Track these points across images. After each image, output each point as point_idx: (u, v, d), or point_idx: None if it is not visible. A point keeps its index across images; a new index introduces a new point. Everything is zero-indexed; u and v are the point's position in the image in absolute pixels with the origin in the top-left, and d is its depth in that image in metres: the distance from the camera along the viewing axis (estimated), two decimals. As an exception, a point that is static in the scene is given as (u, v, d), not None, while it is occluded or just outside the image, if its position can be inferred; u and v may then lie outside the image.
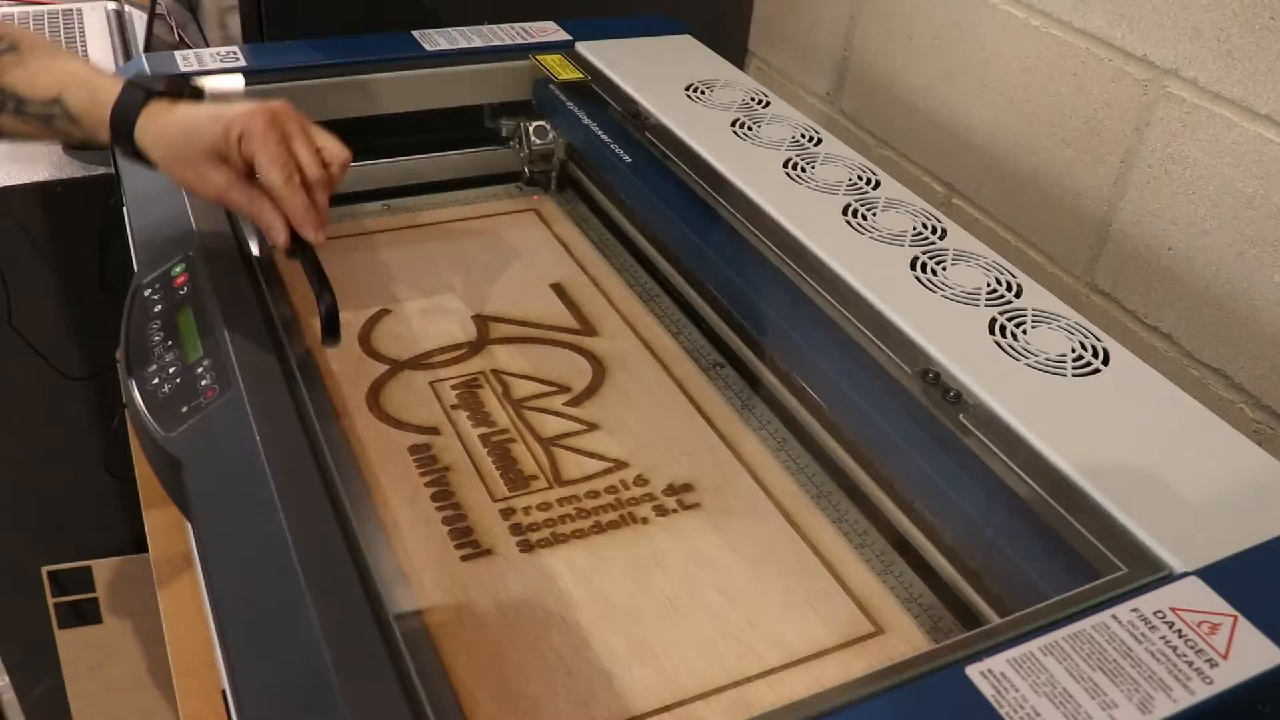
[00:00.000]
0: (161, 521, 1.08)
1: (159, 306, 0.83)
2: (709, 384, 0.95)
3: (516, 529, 0.78)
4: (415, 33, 1.23)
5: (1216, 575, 0.61)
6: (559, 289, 1.06)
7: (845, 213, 0.94)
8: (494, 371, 0.94)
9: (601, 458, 0.86)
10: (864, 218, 0.94)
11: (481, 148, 1.26)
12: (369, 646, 0.56)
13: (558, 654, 0.69)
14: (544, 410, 0.90)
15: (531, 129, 1.21)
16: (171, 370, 0.77)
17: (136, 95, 0.83)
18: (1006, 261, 0.89)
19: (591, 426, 0.89)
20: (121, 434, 1.30)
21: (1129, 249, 1.00)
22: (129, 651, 1.56)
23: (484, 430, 0.87)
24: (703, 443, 0.88)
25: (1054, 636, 0.57)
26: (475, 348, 0.96)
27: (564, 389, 0.92)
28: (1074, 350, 0.80)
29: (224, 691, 0.60)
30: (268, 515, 0.64)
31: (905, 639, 0.73)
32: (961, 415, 0.74)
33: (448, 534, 0.77)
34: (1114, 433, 0.73)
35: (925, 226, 0.93)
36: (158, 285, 0.85)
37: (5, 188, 1.29)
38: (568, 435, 0.87)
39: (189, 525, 0.71)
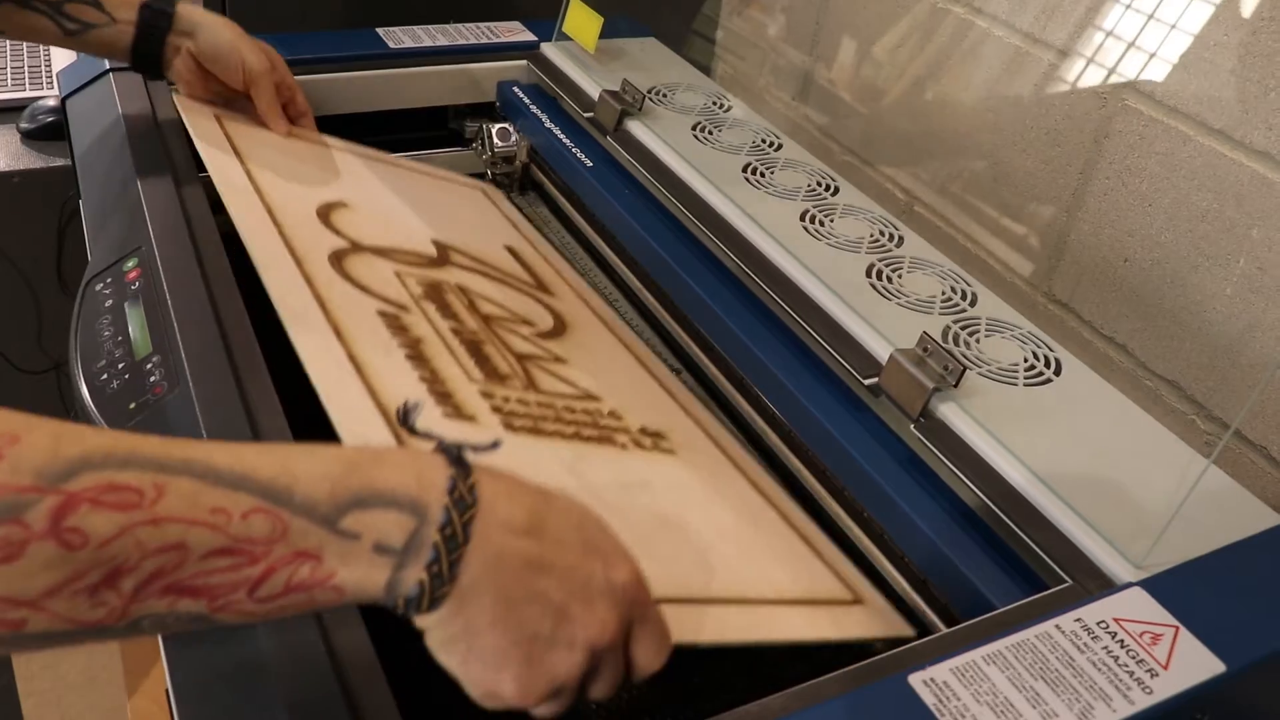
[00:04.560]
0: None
1: (110, 301, 0.82)
2: (667, 370, 0.93)
3: (498, 410, 0.72)
4: (379, 30, 1.22)
5: (1160, 586, 0.62)
6: (514, 252, 1.03)
7: (803, 218, 0.94)
8: (459, 286, 0.88)
9: (572, 385, 0.81)
10: (821, 224, 0.94)
11: (444, 149, 1.25)
12: (310, 647, 0.56)
13: None
14: (512, 331, 0.85)
15: (494, 131, 1.20)
16: (120, 366, 0.76)
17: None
18: (963, 270, 0.89)
19: (559, 360, 0.84)
20: (76, 429, 1.28)
21: (1086, 259, 1.01)
22: (81, 650, 1.54)
23: (454, 324, 0.81)
24: (666, 407, 0.85)
25: (997, 645, 0.57)
26: (438, 263, 0.92)
27: (529, 323, 0.88)
28: (1026, 360, 0.80)
29: (167, 690, 0.59)
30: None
31: (884, 614, 0.71)
32: (913, 425, 0.74)
33: (427, 391, 0.70)
34: (1063, 443, 0.73)
35: (882, 234, 0.94)
36: (110, 279, 0.84)
37: (-40, 178, 1.28)
38: (537, 358, 0.83)
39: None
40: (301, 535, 0.43)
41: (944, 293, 0.87)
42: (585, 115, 1.13)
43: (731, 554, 0.69)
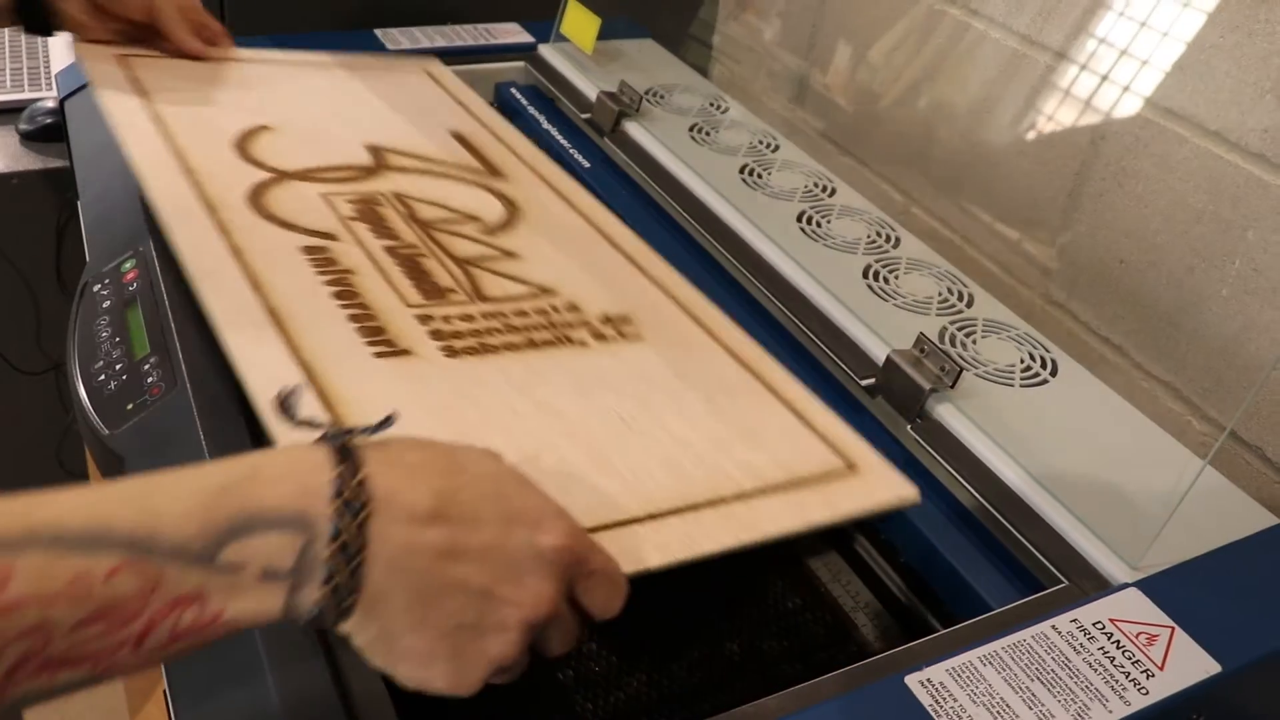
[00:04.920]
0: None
1: (108, 302, 0.82)
2: (636, 239, 0.87)
3: (437, 335, 0.68)
4: (378, 31, 1.23)
5: (1156, 587, 0.62)
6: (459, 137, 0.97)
7: (800, 220, 0.95)
8: (396, 194, 0.83)
9: (525, 281, 0.76)
10: (819, 225, 0.94)
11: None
12: (304, 646, 0.56)
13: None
14: (455, 234, 0.80)
15: (492, 130, 1.21)
16: (118, 367, 0.76)
17: None
18: (959, 271, 0.90)
19: (510, 254, 0.79)
20: (76, 430, 1.29)
21: (1082, 260, 1.01)
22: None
23: (389, 243, 0.76)
24: (633, 283, 0.80)
25: (993, 646, 0.57)
26: (373, 173, 0.86)
27: (475, 219, 0.83)
28: (1023, 361, 0.80)
29: (164, 691, 0.59)
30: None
31: (882, 479, 0.66)
32: (909, 426, 0.75)
33: (356, 331, 0.66)
34: (1059, 444, 0.73)
35: (879, 235, 0.94)
36: (107, 281, 0.84)
37: (-41, 180, 1.28)
38: (485, 259, 0.78)
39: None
40: (177, 581, 0.39)
41: (941, 294, 0.87)
42: (583, 116, 1.13)
43: (705, 448, 0.64)
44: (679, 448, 0.63)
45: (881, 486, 0.65)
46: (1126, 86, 0.94)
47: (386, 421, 0.47)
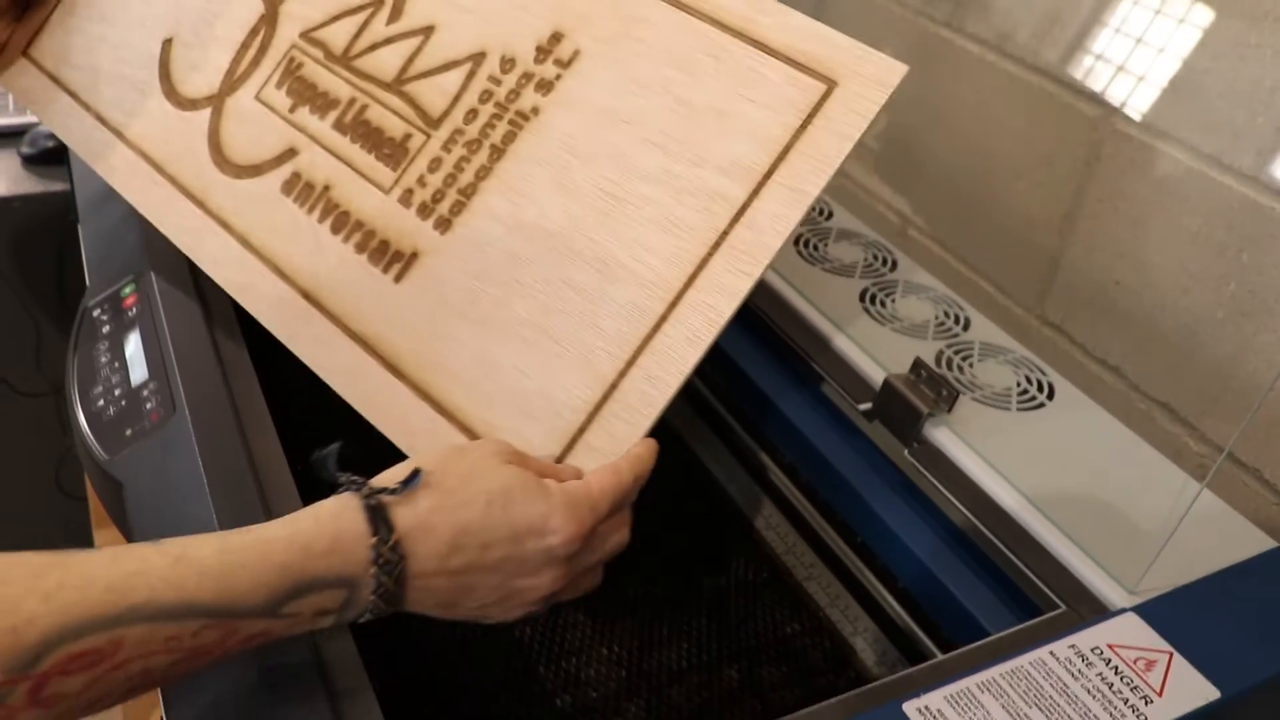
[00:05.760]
0: (112, 542, 1.06)
1: (107, 327, 0.83)
2: None
3: (424, 210, 0.71)
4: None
5: (1154, 611, 0.62)
6: None
7: (797, 244, 0.95)
8: (304, 37, 0.82)
9: (455, 64, 0.75)
10: (815, 248, 0.95)
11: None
12: (300, 670, 0.56)
13: (533, 325, 0.64)
14: (373, 47, 0.79)
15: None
16: (117, 392, 0.77)
17: None
18: (956, 294, 0.90)
19: (426, 32, 0.77)
20: (75, 453, 1.29)
21: (1078, 282, 1.01)
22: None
23: (334, 116, 0.78)
24: None
25: (991, 673, 0.57)
26: (271, 20, 0.84)
27: (378, 4, 0.80)
28: (1019, 384, 0.80)
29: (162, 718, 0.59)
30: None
31: (863, 81, 0.64)
32: (906, 450, 0.75)
33: (367, 260, 0.72)
34: (1056, 468, 0.73)
35: (876, 258, 0.94)
36: (107, 306, 0.84)
37: (-40, 203, 1.29)
38: (410, 62, 0.77)
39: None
40: (249, 628, 0.50)
41: (937, 317, 0.87)
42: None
43: (686, 175, 0.64)
44: (664, 192, 0.65)
45: (865, 92, 0.64)
46: (1121, 109, 0.95)
47: (414, 478, 0.54)
